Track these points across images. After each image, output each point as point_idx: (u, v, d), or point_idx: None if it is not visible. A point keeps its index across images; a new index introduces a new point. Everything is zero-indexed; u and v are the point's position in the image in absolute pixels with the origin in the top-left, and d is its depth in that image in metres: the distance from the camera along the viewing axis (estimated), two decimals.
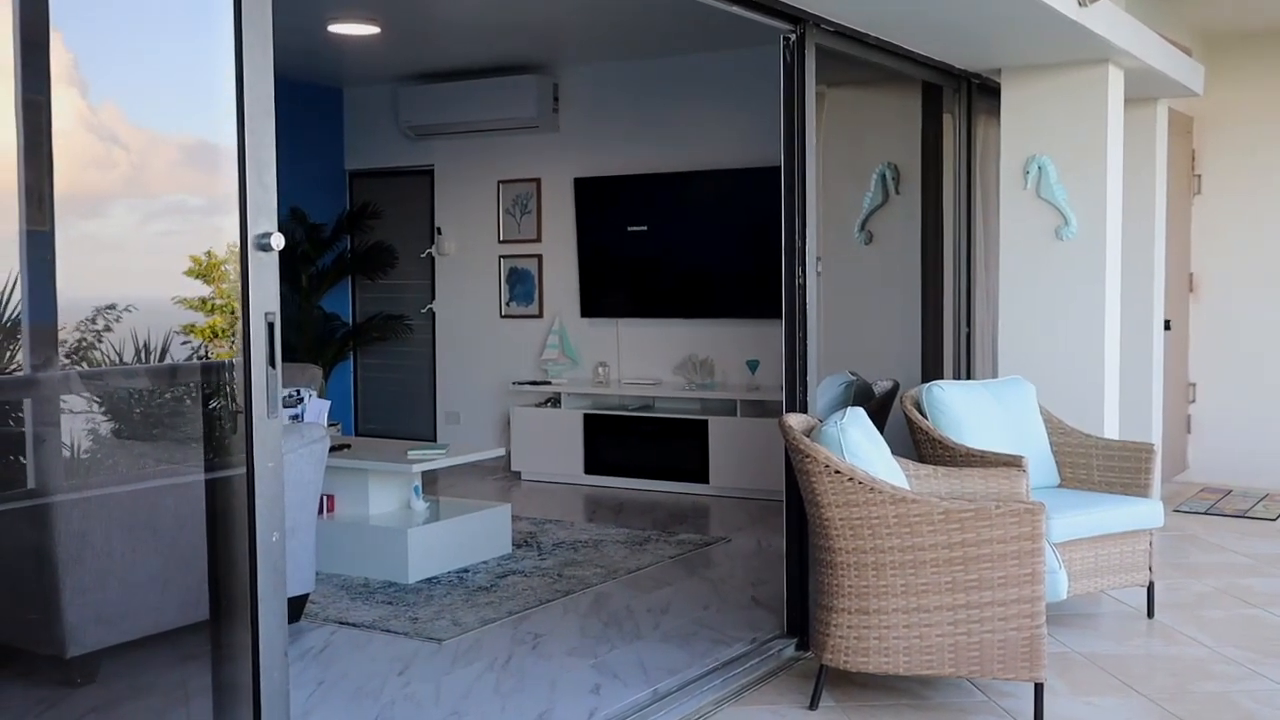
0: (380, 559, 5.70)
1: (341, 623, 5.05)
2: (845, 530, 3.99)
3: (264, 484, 2.51)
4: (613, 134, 8.52)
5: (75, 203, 3.83)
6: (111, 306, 4.06)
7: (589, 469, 8.22)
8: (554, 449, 8.32)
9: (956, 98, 6.06)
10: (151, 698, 4.33)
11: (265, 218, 2.50)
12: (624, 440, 8.12)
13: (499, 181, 8.98)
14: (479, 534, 6.08)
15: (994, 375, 6.00)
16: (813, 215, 4.63)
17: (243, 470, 2.51)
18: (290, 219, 8.86)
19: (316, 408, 6.43)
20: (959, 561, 3.91)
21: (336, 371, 9.47)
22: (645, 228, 8.34)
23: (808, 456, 4.00)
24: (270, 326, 2.51)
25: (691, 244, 8.21)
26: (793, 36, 4.57)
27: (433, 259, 9.32)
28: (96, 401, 4.70)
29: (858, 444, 4.04)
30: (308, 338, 8.81)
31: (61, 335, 4.01)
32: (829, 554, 4.06)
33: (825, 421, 4.18)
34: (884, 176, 6.45)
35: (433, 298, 9.33)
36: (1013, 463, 4.71)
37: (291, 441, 4.85)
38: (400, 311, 9.42)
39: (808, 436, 4.12)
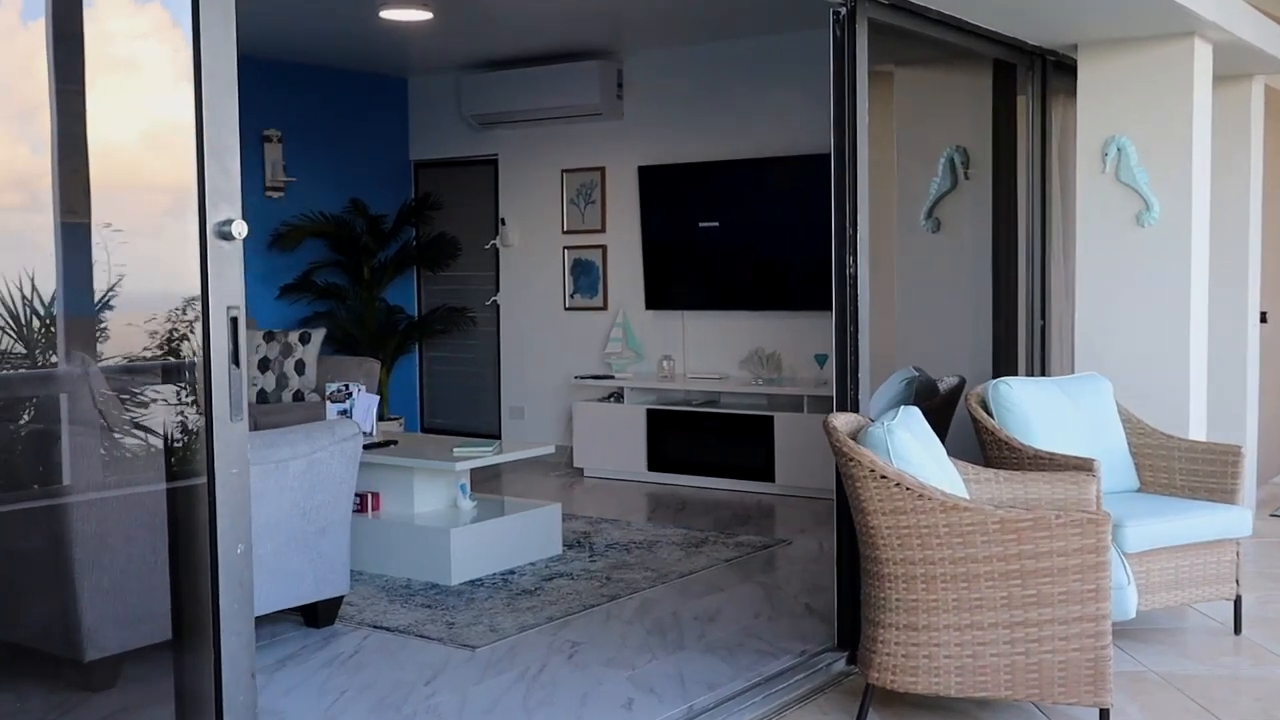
0: (423, 560, 5.53)
1: (376, 627, 4.87)
2: (892, 539, 3.70)
3: (227, 493, 2.31)
4: (677, 120, 8.27)
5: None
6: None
7: (652, 466, 7.98)
8: (616, 445, 8.10)
9: (1030, 76, 5.70)
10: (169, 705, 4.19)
11: (227, 204, 2.30)
12: (688, 437, 7.87)
13: (563, 171, 8.78)
14: (527, 534, 5.87)
15: (1072, 372, 5.64)
16: (864, 201, 4.34)
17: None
18: (350, 210, 8.74)
19: (364, 403, 6.27)
20: (1016, 575, 3.60)
21: (401, 365, 9.35)
22: (711, 217, 8.08)
23: (852, 460, 3.72)
24: (234, 322, 2.31)
25: (759, 233, 7.93)
26: (842, 10, 4.28)
27: (497, 250, 9.15)
28: (123, 396, 4.57)
29: (906, 446, 3.74)
30: (369, 331, 8.69)
31: (151, 326, 3.89)
32: (876, 565, 3.78)
33: (873, 422, 3.89)
34: (952, 160, 6.11)
35: (497, 290, 9.16)
36: (1083, 466, 4.37)
37: (321, 439, 4.68)
38: (465, 304, 9.26)
39: (854, 438, 3.83)
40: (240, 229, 2.31)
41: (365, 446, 5.92)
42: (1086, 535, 3.56)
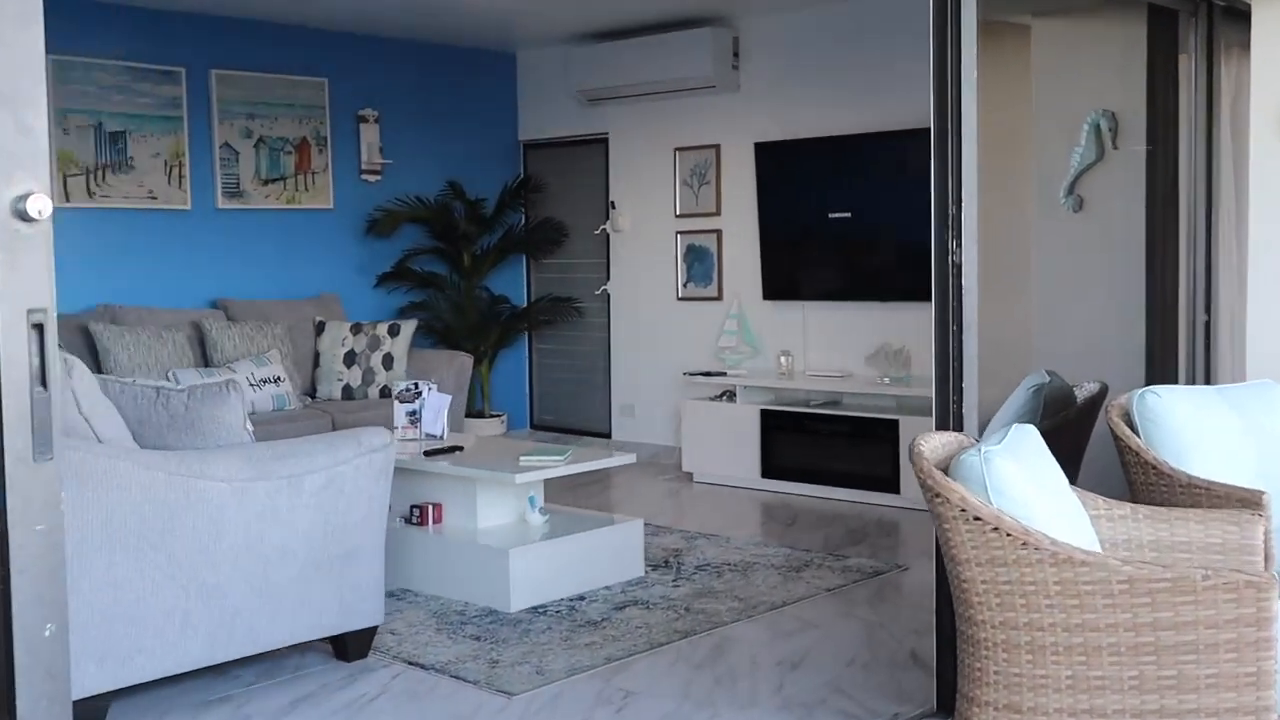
0: (481, 582, 4.94)
1: (411, 663, 4.30)
2: (990, 597, 2.94)
3: (30, 557, 1.73)
4: (798, 91, 7.51)
5: None
6: None
7: (766, 472, 7.26)
8: (727, 449, 7.41)
9: (1193, 26, 4.80)
10: None
11: (27, 172, 1.71)
12: (806, 441, 7.12)
13: (675, 149, 8.10)
14: (603, 555, 5.23)
15: (1244, 379, 4.72)
16: (971, 175, 3.56)
17: None
18: (448, 193, 8.23)
19: (435, 404, 5.72)
20: (1149, 650, 2.81)
21: (507, 358, 8.82)
22: (835, 197, 7.30)
23: (938, 496, 2.97)
24: (38, 329, 1.72)
25: (889, 215, 7.12)
26: None
27: (607, 236, 8.53)
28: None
29: (1008, 478, 2.97)
30: (468, 322, 8.17)
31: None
32: (971, 627, 3.02)
33: (971, 446, 3.13)
34: (1097, 128, 5.22)
35: (607, 278, 8.54)
36: (1248, 501, 3.51)
37: (344, 450, 4.11)
38: (574, 293, 8.67)
39: (946, 468, 3.08)
40: (43, 206, 1.72)
41: (426, 453, 5.37)
42: (1244, 603, 2.74)
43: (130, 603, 3.66)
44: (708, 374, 7.61)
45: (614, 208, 8.40)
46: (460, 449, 5.47)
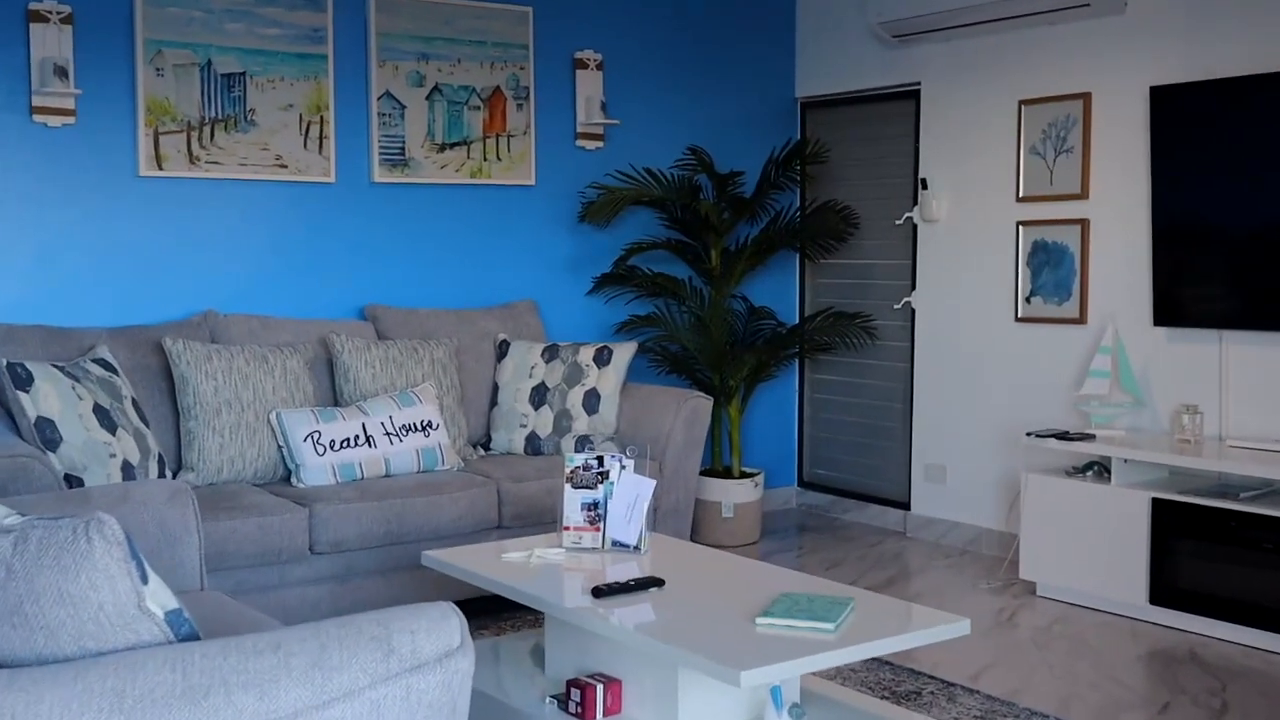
0: None
1: None
2: None
3: None
4: (1223, 5, 4.86)
5: None
6: None
7: (1157, 597, 4.66)
8: (1096, 553, 4.84)
9: None
10: None
11: None
12: (1227, 553, 4.48)
13: (1020, 102, 5.57)
14: None
15: None
16: None
17: None
18: (691, 165, 5.95)
19: (629, 492, 3.49)
20: None
21: (769, 394, 6.49)
22: (1276, 173, 4.63)
23: None
24: None
25: None
26: None
27: (914, 227, 6.07)
28: None
29: None
30: (715, 344, 5.87)
31: None
32: None
33: None
34: None
35: (912, 287, 6.09)
36: None
37: (346, 672, 1.88)
38: (865, 307, 6.26)
39: None
40: None
41: (600, 591, 3.12)
42: None
43: None
44: (1064, 435, 5.04)
45: (925, 188, 5.94)
46: (659, 585, 3.18)
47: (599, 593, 3.09)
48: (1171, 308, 5.00)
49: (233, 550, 3.99)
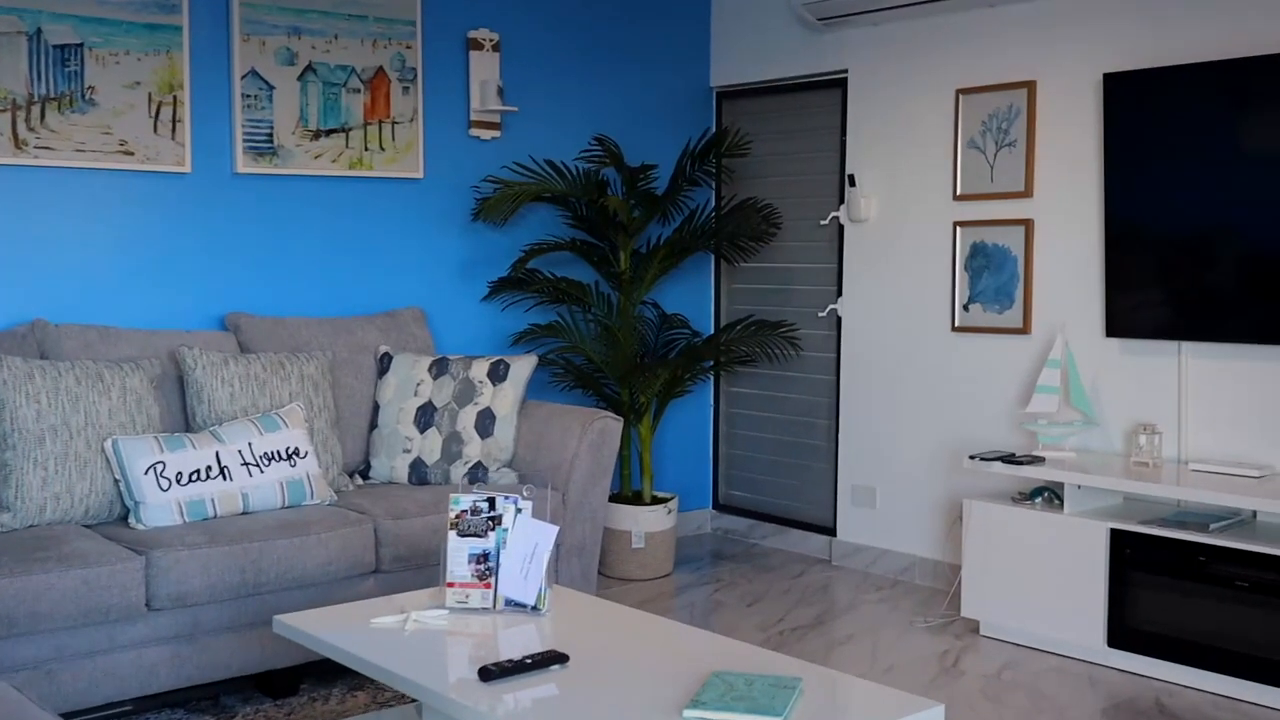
0: None
1: None
2: None
3: None
4: None
5: None
6: None
7: (1117, 639, 4.19)
8: (1046, 589, 4.36)
9: None
10: None
11: None
12: (1192, 590, 4.03)
13: (958, 91, 5.09)
14: None
15: None
16: None
17: None
18: (600, 157, 5.38)
19: (526, 541, 2.92)
20: None
21: (683, 411, 5.95)
22: (1247, 168, 4.19)
23: None
24: None
25: None
26: None
27: (840, 227, 5.57)
28: None
29: None
30: (624, 356, 5.30)
31: None
32: None
33: None
34: None
35: (838, 293, 5.59)
36: None
37: None
38: (787, 314, 5.74)
39: None
40: None
41: (488, 671, 2.53)
42: None
43: None
44: (1010, 458, 4.55)
45: (853, 185, 5.44)
46: (563, 661, 2.59)
47: (487, 674, 2.50)
48: (1125, 317, 4.55)
49: (47, 610, 3.31)
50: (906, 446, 5.32)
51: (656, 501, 5.36)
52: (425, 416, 4.52)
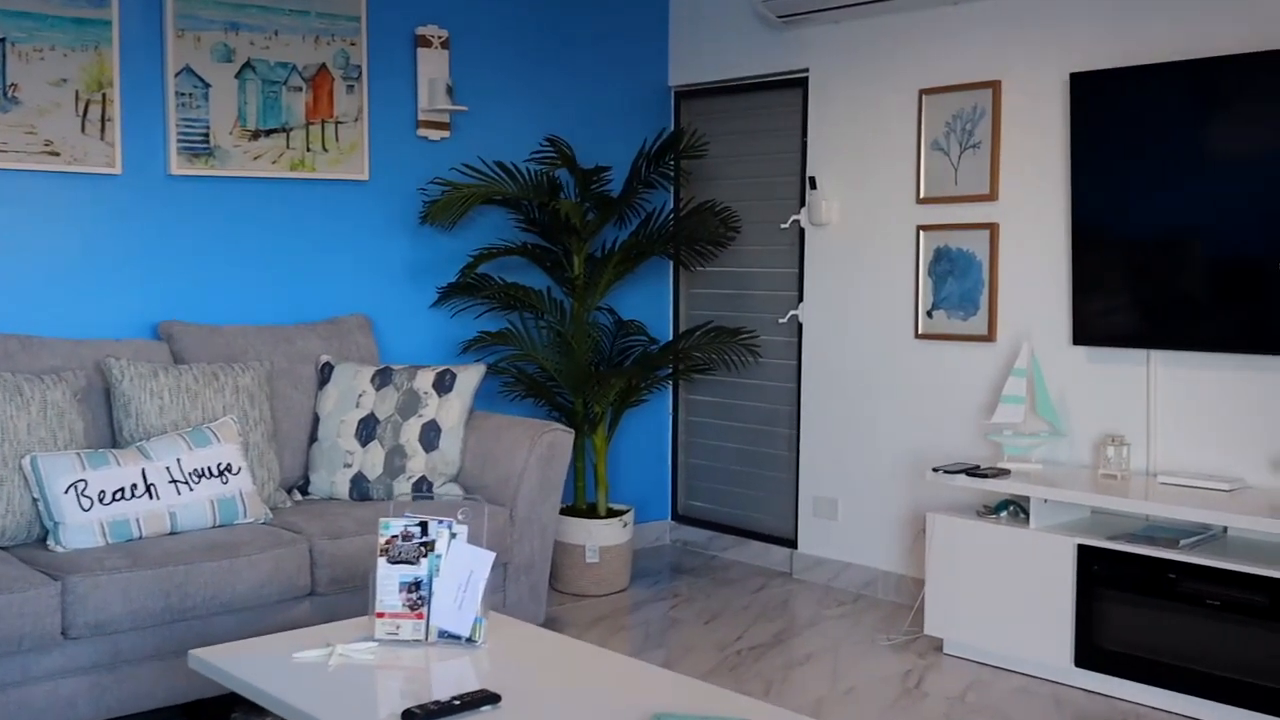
0: None
1: None
2: None
3: None
4: None
5: None
6: None
7: (1084, 658, 4.05)
8: (1011, 606, 4.22)
9: None
10: None
11: None
12: (1162, 608, 3.89)
13: (921, 91, 4.94)
14: None
15: None
16: None
17: None
18: (552, 158, 5.20)
19: (460, 569, 2.74)
20: None
21: (639, 421, 5.78)
22: (1219, 170, 4.06)
23: None
24: None
25: None
26: None
27: (801, 231, 5.41)
28: None
29: None
30: (578, 365, 5.13)
31: None
32: None
33: None
34: None
35: (799, 299, 5.43)
36: None
37: None
38: (747, 321, 5.58)
39: None
40: None
41: (408, 717, 2.35)
42: None
43: None
44: (974, 470, 4.41)
45: (814, 188, 5.28)
46: (494, 701, 2.42)
47: (410, 718, 2.32)
48: (1093, 324, 4.41)
49: None
50: (869, 457, 5.17)
51: (612, 514, 5.19)
52: (367, 429, 4.33)
